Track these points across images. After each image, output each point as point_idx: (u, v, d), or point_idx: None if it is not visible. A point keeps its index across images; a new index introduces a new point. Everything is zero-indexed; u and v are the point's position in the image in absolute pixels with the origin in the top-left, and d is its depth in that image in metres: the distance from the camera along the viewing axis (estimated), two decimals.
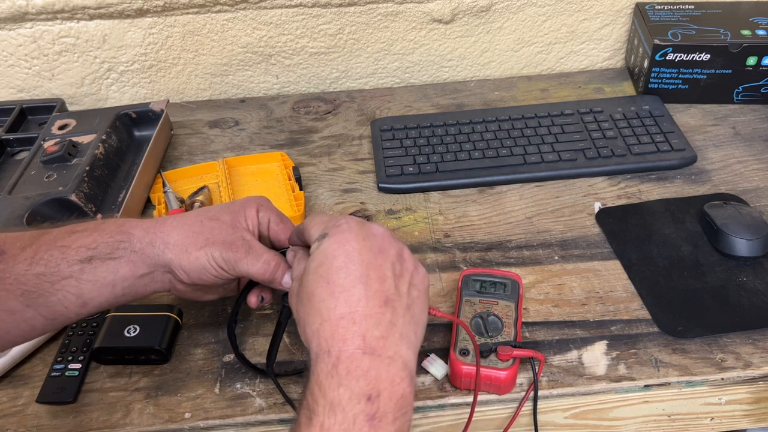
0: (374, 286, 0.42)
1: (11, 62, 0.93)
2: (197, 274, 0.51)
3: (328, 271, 0.43)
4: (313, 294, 0.43)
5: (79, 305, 0.48)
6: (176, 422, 0.56)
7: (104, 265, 0.48)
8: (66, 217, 0.74)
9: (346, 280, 0.42)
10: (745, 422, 0.62)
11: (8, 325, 0.46)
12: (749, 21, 0.89)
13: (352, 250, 0.43)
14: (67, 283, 0.47)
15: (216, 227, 0.51)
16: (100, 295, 0.48)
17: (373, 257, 0.43)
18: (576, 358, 0.59)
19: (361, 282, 0.42)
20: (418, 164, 0.82)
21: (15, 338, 0.47)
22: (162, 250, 0.50)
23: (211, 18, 0.93)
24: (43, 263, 0.47)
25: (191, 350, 0.62)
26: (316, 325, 0.42)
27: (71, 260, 0.47)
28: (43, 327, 0.48)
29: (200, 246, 0.50)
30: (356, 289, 0.42)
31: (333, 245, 0.44)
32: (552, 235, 0.72)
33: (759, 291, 0.64)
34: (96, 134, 0.81)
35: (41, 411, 0.57)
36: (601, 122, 0.87)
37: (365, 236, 0.44)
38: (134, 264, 0.49)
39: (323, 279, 0.43)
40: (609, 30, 1.00)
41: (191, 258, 0.50)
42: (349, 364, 0.39)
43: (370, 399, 0.38)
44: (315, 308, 0.42)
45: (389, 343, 0.41)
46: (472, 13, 0.96)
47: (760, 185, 0.77)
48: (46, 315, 0.47)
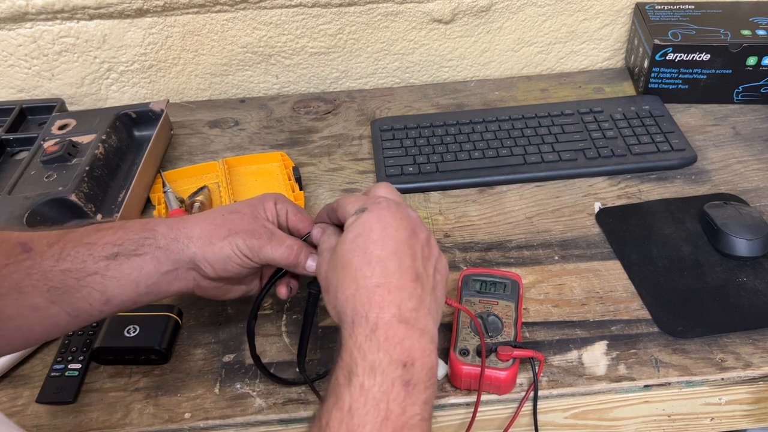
0: (407, 262, 0.44)
1: (11, 62, 0.93)
2: (222, 265, 0.51)
3: (366, 242, 0.44)
4: (350, 262, 0.44)
5: (103, 302, 0.48)
6: (176, 422, 0.56)
7: (129, 261, 0.49)
8: (66, 218, 0.74)
9: (383, 252, 0.44)
10: (745, 422, 0.62)
11: (32, 322, 0.46)
12: (749, 21, 0.89)
13: (388, 226, 0.45)
14: (92, 280, 0.47)
15: (237, 219, 0.52)
16: (123, 292, 0.49)
17: (407, 236, 0.45)
18: (576, 358, 0.59)
19: (396, 256, 0.44)
20: (418, 164, 0.82)
21: (38, 335, 0.48)
22: (186, 244, 0.50)
23: (211, 18, 0.93)
24: (69, 259, 0.47)
25: (191, 350, 0.62)
26: (351, 291, 0.43)
27: (97, 256, 0.48)
28: (66, 324, 0.48)
29: (223, 236, 0.51)
30: (391, 261, 0.43)
31: (371, 219, 0.45)
32: (552, 235, 0.72)
33: (759, 291, 0.64)
34: (96, 134, 0.81)
35: (41, 411, 0.57)
36: (601, 122, 0.87)
37: (401, 216, 0.46)
38: (158, 260, 0.50)
39: (360, 249, 0.44)
40: (609, 30, 1.00)
41: (215, 249, 0.50)
42: (387, 330, 0.41)
43: (406, 366, 0.40)
44: (350, 275, 0.44)
45: (420, 315, 0.43)
46: (472, 13, 0.96)
47: (760, 185, 0.77)
48: (70, 312, 0.47)
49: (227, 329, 0.64)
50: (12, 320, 0.46)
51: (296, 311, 0.65)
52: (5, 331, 0.46)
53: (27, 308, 0.46)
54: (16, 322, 0.46)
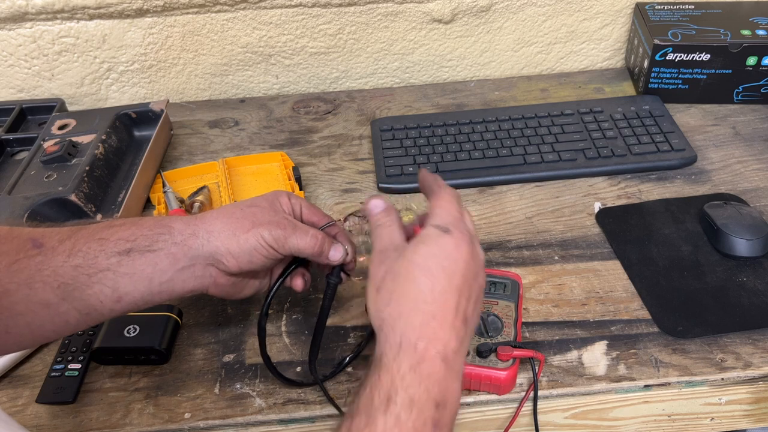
0: (463, 302, 0.44)
1: (11, 62, 0.93)
2: (247, 257, 0.51)
3: (438, 266, 0.43)
4: (415, 279, 0.43)
5: (114, 300, 0.48)
6: (176, 422, 0.56)
7: (143, 257, 0.48)
8: (66, 217, 0.74)
9: (449, 284, 0.43)
10: (745, 422, 0.62)
11: (42, 319, 0.46)
12: (749, 21, 0.89)
13: (462, 260, 0.44)
14: (104, 276, 0.47)
15: (258, 212, 0.52)
16: (135, 289, 0.48)
17: (472, 277, 0.45)
18: (576, 358, 0.59)
19: (458, 292, 0.43)
20: (418, 164, 0.82)
21: (48, 333, 0.47)
22: (206, 239, 0.50)
23: (211, 18, 0.93)
24: (81, 255, 0.47)
25: (191, 350, 0.62)
26: (407, 309, 0.42)
27: (109, 252, 0.47)
28: (76, 322, 0.47)
29: (247, 229, 0.50)
30: (452, 297, 0.43)
31: (451, 245, 0.44)
32: (552, 235, 0.72)
33: (759, 291, 0.64)
34: (96, 134, 0.81)
35: (41, 411, 0.57)
36: (601, 122, 0.87)
37: (475, 254, 0.45)
38: (174, 256, 0.49)
39: (430, 271, 0.43)
40: (609, 30, 1.00)
41: (240, 241, 0.50)
42: (431, 368, 0.41)
43: (439, 406, 0.40)
44: (411, 292, 0.43)
45: (459, 358, 0.43)
46: (472, 13, 0.96)
47: (760, 185, 0.77)
48: (81, 309, 0.47)
49: (227, 329, 0.64)
50: (22, 316, 0.45)
51: (296, 311, 0.65)
52: (15, 328, 0.45)
53: (37, 305, 0.45)
54: (26, 318, 0.45)
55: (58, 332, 0.48)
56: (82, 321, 0.48)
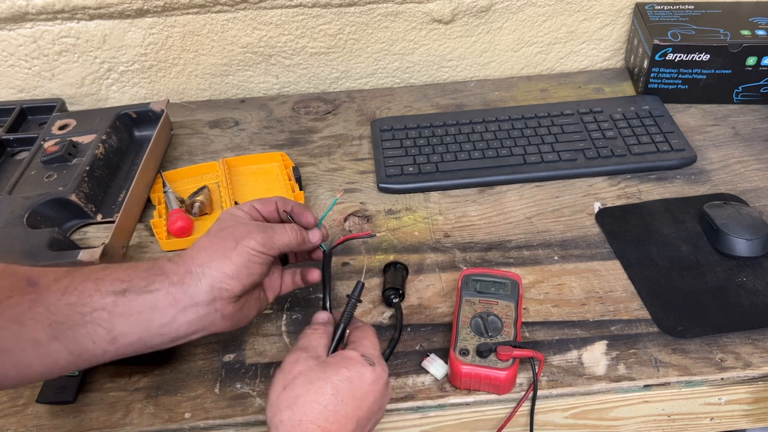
0: (364, 429, 0.48)
1: (11, 62, 0.94)
2: (246, 272, 0.51)
3: (350, 392, 0.46)
4: (325, 393, 0.46)
5: (108, 341, 0.46)
6: (176, 422, 0.56)
7: (139, 298, 0.47)
8: (66, 218, 0.74)
9: (353, 412, 0.46)
10: (744, 422, 0.62)
11: (31, 358, 0.44)
12: (749, 21, 0.89)
13: (372, 393, 0.47)
14: (98, 315, 0.46)
15: (232, 229, 0.52)
16: (132, 331, 0.47)
17: (377, 408, 0.48)
18: (576, 358, 0.59)
19: (356, 422, 0.46)
20: (418, 164, 0.82)
21: (34, 373, 0.46)
22: (201, 272, 0.49)
23: (211, 18, 0.93)
24: (76, 294, 0.46)
25: (191, 350, 0.62)
26: (307, 420, 0.45)
27: (104, 291, 0.46)
28: (66, 363, 0.46)
29: (233, 246, 0.51)
30: (350, 424, 0.46)
31: (369, 378, 0.48)
32: (552, 235, 0.72)
33: (759, 291, 0.64)
34: (96, 134, 0.82)
35: (41, 411, 0.57)
36: (601, 122, 0.87)
37: (386, 392, 0.49)
38: (174, 297, 0.48)
39: (341, 393, 0.46)
40: (609, 30, 1.00)
41: (233, 259, 0.50)
42: None
43: None
44: (317, 405, 0.45)
45: None
46: (472, 13, 0.96)
47: (760, 185, 0.77)
48: (72, 349, 0.45)
49: None
50: (9, 353, 0.44)
51: (296, 311, 0.65)
52: (0, 365, 0.44)
53: (26, 342, 0.44)
54: (13, 356, 0.44)
55: (46, 374, 0.46)
56: (72, 362, 0.46)
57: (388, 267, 0.67)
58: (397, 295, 0.64)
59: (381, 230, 0.75)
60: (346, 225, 0.76)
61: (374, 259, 0.71)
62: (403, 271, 0.67)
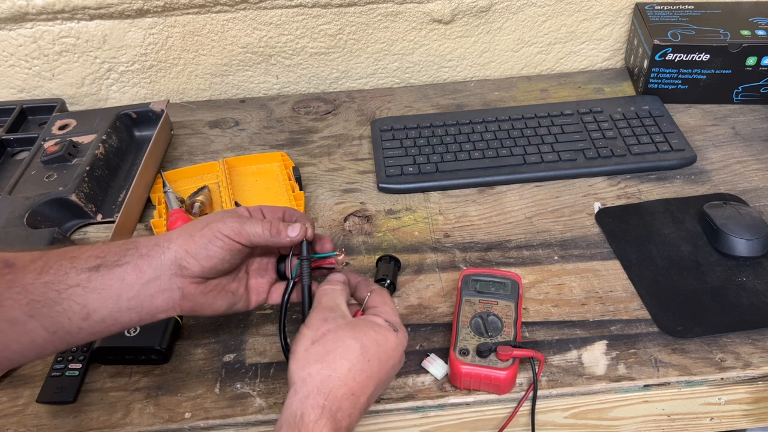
0: (375, 393, 0.49)
1: (11, 62, 0.94)
2: (204, 252, 0.50)
3: (375, 354, 0.48)
4: (354, 352, 0.47)
5: (82, 317, 0.47)
6: (176, 422, 0.56)
7: (111, 273, 0.48)
8: (66, 218, 0.74)
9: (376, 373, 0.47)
10: (744, 422, 0.63)
11: (8, 337, 0.45)
12: (749, 21, 0.89)
13: (393, 358, 0.49)
14: (73, 292, 0.47)
15: (212, 216, 0.53)
16: (104, 305, 0.48)
17: (393, 373, 0.50)
18: (576, 358, 0.59)
19: (377, 383, 0.48)
20: (418, 164, 0.82)
21: (13, 354, 0.46)
22: (167, 246, 0.50)
23: (211, 18, 0.93)
24: (52, 272, 0.47)
25: (191, 350, 0.62)
26: (336, 376, 0.46)
27: (79, 269, 0.47)
28: (43, 341, 0.47)
29: (201, 227, 0.51)
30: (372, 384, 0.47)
31: (393, 342, 0.49)
32: (552, 235, 0.72)
33: (759, 291, 0.64)
34: (96, 134, 0.82)
35: (41, 411, 0.57)
36: (601, 122, 0.87)
37: (402, 357, 0.51)
38: (140, 269, 0.49)
39: (368, 354, 0.47)
40: (609, 30, 1.00)
41: (196, 238, 0.50)
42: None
43: None
44: (345, 362, 0.46)
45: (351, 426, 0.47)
46: (472, 13, 0.96)
47: (760, 185, 0.77)
48: (48, 327, 0.46)
49: (227, 329, 0.64)
50: None
51: (296, 311, 0.65)
52: None
53: (4, 322, 0.45)
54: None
55: (24, 353, 0.47)
56: (48, 341, 0.47)
57: (380, 259, 0.69)
58: (387, 286, 0.65)
59: (381, 230, 0.75)
60: (346, 225, 0.76)
61: (374, 259, 0.71)
62: (393, 262, 0.68)
